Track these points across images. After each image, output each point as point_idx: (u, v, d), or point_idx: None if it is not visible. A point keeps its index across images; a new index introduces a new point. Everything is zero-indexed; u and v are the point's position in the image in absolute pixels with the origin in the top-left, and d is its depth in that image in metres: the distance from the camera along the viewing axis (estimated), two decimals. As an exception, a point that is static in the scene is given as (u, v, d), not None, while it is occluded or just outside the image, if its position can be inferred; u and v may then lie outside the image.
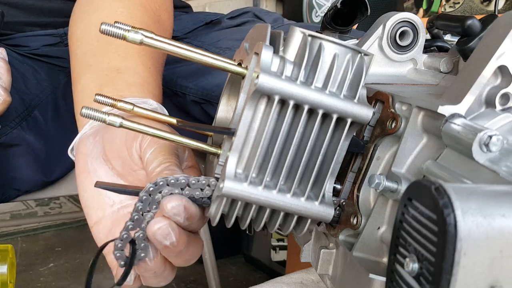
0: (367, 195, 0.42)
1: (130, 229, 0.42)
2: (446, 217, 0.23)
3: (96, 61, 0.60)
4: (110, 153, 0.49)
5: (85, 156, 0.50)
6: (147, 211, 0.41)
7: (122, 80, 0.57)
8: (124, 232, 0.42)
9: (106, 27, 0.40)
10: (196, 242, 0.44)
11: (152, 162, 0.45)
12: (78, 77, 0.60)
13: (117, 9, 0.65)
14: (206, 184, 0.41)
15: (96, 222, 0.49)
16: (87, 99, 0.55)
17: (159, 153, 0.45)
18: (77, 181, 0.51)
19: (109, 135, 0.49)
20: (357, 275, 0.41)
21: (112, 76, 0.58)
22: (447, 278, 0.23)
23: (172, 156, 0.45)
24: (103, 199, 0.49)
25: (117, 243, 0.42)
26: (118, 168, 0.49)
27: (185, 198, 0.40)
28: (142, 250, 0.42)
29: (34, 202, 2.34)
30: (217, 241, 1.30)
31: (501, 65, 0.34)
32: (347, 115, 0.38)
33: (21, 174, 0.82)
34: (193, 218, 0.41)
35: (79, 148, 0.52)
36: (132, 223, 0.41)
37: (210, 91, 0.85)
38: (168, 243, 0.40)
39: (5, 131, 0.76)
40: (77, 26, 0.66)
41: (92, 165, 0.50)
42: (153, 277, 0.44)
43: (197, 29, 0.97)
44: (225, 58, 0.41)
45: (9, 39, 0.87)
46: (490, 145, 0.31)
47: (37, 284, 1.71)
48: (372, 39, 0.47)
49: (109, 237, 0.47)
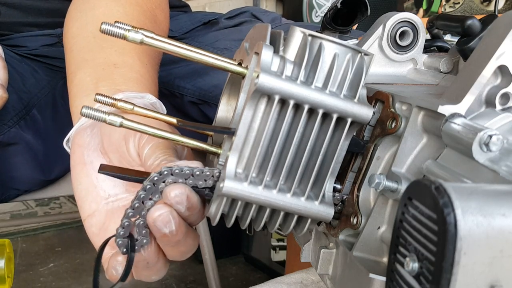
0: (367, 195, 0.42)
1: (130, 216, 0.41)
2: (446, 217, 0.23)
3: (92, 56, 0.59)
4: (108, 146, 0.48)
5: (82, 148, 0.50)
6: (148, 199, 0.41)
7: (119, 75, 0.56)
8: (125, 220, 0.41)
9: (107, 27, 0.40)
10: (193, 235, 0.43)
11: (150, 158, 0.45)
12: (74, 72, 0.59)
13: (113, 7, 0.64)
14: (210, 175, 0.41)
15: (89, 215, 0.48)
16: (83, 92, 0.55)
17: (157, 148, 0.45)
18: (71, 172, 0.50)
19: (107, 128, 0.48)
20: (357, 275, 0.41)
21: (109, 70, 0.57)
22: (447, 278, 0.23)
23: (170, 150, 0.45)
24: (97, 192, 0.48)
25: (119, 231, 0.42)
26: (115, 162, 0.48)
27: (188, 188, 0.40)
28: (143, 236, 0.42)
29: (34, 202, 2.34)
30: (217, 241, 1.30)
31: (501, 65, 0.34)
32: (347, 115, 0.38)
33: (20, 173, 0.82)
34: (194, 209, 0.40)
35: (75, 140, 0.51)
36: (132, 210, 0.41)
37: (208, 92, 0.85)
38: (168, 231, 0.40)
39: (3, 130, 0.76)
40: (72, 24, 0.66)
41: (88, 157, 0.49)
42: (145, 268, 0.44)
43: (195, 29, 0.97)
44: (225, 58, 0.41)
45: (7, 39, 0.87)
46: (490, 144, 0.31)
47: (37, 284, 1.71)
48: (372, 39, 0.47)
49: (101, 231, 0.47)
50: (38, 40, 0.89)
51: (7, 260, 0.63)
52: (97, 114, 0.42)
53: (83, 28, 0.63)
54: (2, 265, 0.63)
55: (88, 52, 0.60)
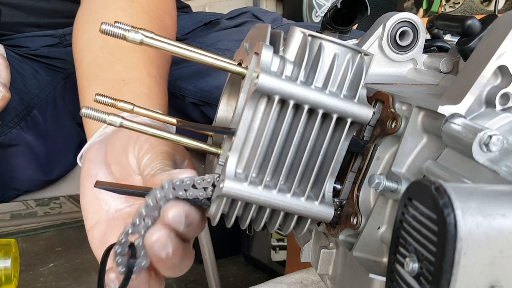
0: (367, 195, 0.42)
1: (129, 233, 0.40)
2: (446, 217, 0.23)
3: (101, 71, 0.60)
4: (111, 157, 0.49)
5: (90, 162, 0.51)
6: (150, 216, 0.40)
7: (128, 91, 0.57)
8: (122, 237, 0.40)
9: (106, 27, 0.40)
10: (189, 254, 0.43)
11: (147, 167, 0.45)
12: (85, 88, 0.61)
13: (120, 17, 0.64)
14: (211, 183, 0.40)
15: (92, 227, 0.49)
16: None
17: (156, 158, 0.45)
18: (80, 186, 0.52)
19: (112, 139, 0.49)
20: (357, 275, 0.41)
21: (119, 87, 0.58)
22: (447, 278, 0.23)
23: (168, 161, 0.45)
24: (100, 204, 0.49)
25: (116, 249, 0.40)
26: (116, 173, 0.49)
27: (187, 205, 0.39)
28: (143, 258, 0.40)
29: (34, 202, 2.35)
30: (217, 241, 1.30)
31: (501, 65, 0.34)
32: (347, 115, 0.38)
33: (20, 173, 0.82)
34: (193, 224, 0.40)
35: (86, 155, 0.52)
36: (132, 227, 0.40)
37: (209, 93, 0.85)
38: (164, 254, 0.39)
39: (4, 131, 0.76)
40: (80, 36, 0.67)
41: (94, 169, 0.50)
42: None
43: (196, 30, 0.97)
44: (225, 58, 0.41)
45: (8, 39, 0.87)
46: (490, 145, 0.31)
47: (37, 284, 1.71)
48: (372, 39, 0.47)
49: (102, 242, 0.48)
50: (40, 41, 0.89)
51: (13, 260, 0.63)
52: (97, 114, 0.42)
53: (91, 42, 0.64)
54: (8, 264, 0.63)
55: (98, 67, 0.61)
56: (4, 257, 0.63)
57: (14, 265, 0.64)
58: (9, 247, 0.64)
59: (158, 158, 0.45)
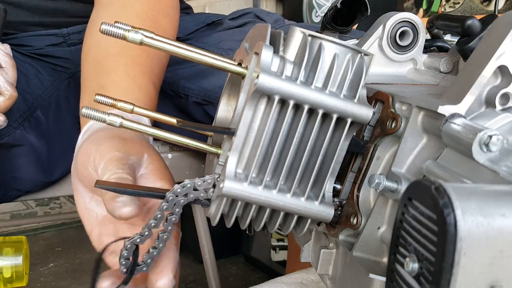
0: (367, 195, 0.42)
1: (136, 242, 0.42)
2: (446, 217, 0.23)
3: (89, 81, 0.64)
4: (78, 173, 0.52)
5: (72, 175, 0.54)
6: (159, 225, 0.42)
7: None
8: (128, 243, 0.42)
9: (106, 27, 0.40)
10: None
11: (105, 173, 0.47)
12: (82, 96, 0.64)
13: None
14: (211, 184, 0.41)
15: (89, 234, 0.52)
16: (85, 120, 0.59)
17: (110, 165, 0.47)
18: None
19: (77, 156, 0.52)
20: (357, 275, 0.41)
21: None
22: (447, 278, 0.23)
23: (122, 165, 0.47)
24: (89, 212, 0.52)
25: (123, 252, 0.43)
26: (87, 186, 0.51)
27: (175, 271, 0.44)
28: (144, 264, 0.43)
29: (34, 202, 2.35)
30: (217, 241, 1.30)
31: (501, 65, 0.34)
32: (347, 115, 0.38)
33: (23, 174, 0.82)
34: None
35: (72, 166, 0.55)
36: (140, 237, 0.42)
37: (213, 93, 0.85)
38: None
39: (8, 131, 0.77)
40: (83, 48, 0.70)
41: (75, 183, 0.53)
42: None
43: (198, 30, 0.97)
44: (225, 58, 0.41)
45: (12, 38, 0.87)
46: (490, 145, 0.31)
47: (37, 284, 1.71)
48: (372, 39, 0.47)
49: (100, 245, 0.50)
50: (44, 40, 0.89)
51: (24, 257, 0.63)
52: (97, 114, 0.42)
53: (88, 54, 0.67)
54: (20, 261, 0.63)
55: (87, 78, 0.65)
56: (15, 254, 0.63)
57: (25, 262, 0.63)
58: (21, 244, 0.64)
59: (112, 165, 0.47)
